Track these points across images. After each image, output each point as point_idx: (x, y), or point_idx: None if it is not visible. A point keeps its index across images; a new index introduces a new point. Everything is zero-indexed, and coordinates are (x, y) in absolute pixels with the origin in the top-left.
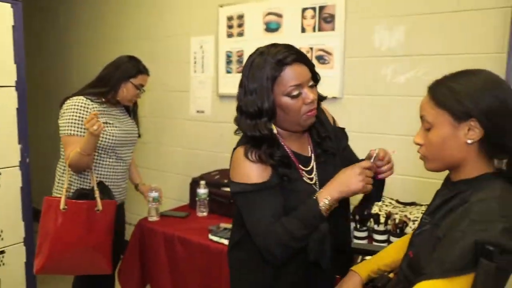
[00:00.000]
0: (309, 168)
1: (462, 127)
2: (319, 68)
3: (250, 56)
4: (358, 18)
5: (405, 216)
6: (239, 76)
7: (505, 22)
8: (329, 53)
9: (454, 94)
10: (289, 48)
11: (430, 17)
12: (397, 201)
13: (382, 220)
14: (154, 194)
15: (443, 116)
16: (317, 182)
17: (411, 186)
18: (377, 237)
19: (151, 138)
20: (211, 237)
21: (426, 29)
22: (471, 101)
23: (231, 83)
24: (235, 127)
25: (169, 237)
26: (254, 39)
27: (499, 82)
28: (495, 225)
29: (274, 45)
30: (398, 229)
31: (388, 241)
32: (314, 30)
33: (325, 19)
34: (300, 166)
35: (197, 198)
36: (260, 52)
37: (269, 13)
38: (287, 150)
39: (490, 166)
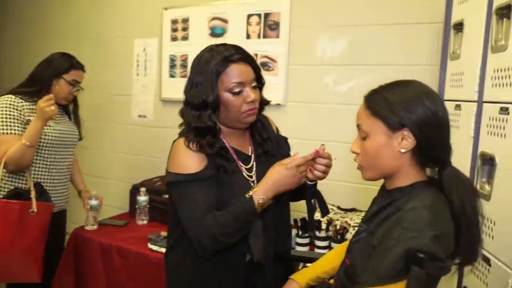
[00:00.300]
0: (249, 166)
1: (396, 137)
2: (263, 75)
3: (200, 53)
4: (303, 27)
5: (346, 222)
6: (183, 81)
7: (438, 36)
8: (273, 60)
9: (388, 104)
10: (237, 48)
11: (371, 28)
12: (338, 207)
13: (324, 226)
14: (93, 202)
15: (378, 125)
16: (255, 181)
17: (352, 193)
18: (319, 243)
19: (91, 143)
20: (150, 246)
21: (367, 40)
22: (405, 111)
23: (175, 88)
24: (178, 132)
25: (106, 247)
26: (199, 43)
27: (431, 94)
28: (425, 233)
29: (224, 44)
30: (339, 235)
31: (329, 247)
32: (259, 36)
33: (270, 26)
34: (240, 162)
35: (137, 206)
36: (210, 49)
37: (214, 18)
38: (227, 145)
39: (423, 175)
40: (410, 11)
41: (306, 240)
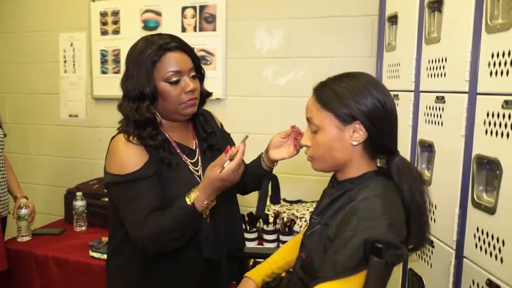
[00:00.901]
0: (194, 160)
1: (348, 129)
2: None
3: (135, 43)
4: (239, 19)
5: (293, 214)
6: (116, 77)
7: (373, 28)
8: (211, 54)
9: (338, 97)
10: (173, 37)
11: (307, 21)
12: (284, 200)
13: (271, 219)
14: (22, 211)
15: (329, 119)
16: (201, 175)
17: (297, 184)
18: (267, 237)
19: (15, 147)
20: (92, 253)
21: (304, 33)
22: (355, 103)
23: (108, 84)
24: (114, 131)
25: (41, 259)
26: (132, 37)
27: (379, 85)
28: (380, 222)
29: (159, 34)
30: (287, 228)
31: (278, 240)
32: (195, 30)
33: (206, 19)
34: (184, 156)
35: (74, 212)
36: (145, 38)
37: (147, 11)
38: (169, 138)
39: (373, 165)
40: (345, 4)
41: (254, 235)
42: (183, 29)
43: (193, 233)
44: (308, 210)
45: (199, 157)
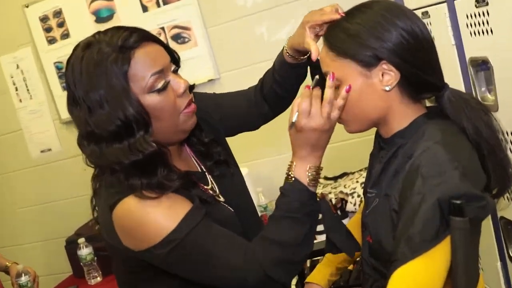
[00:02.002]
0: (209, 187)
1: (375, 74)
2: (181, 50)
3: (71, 58)
4: None
5: (341, 192)
6: None
7: None
8: (186, 29)
9: (354, 37)
10: (125, 27)
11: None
12: (325, 178)
13: None
14: (23, 279)
15: (349, 67)
16: (227, 203)
17: (334, 155)
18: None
19: None
20: None
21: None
22: (376, 40)
23: None
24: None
25: None
26: (85, 36)
27: (401, 10)
28: (450, 174)
29: (100, 32)
30: (339, 210)
31: None
32: (158, 5)
33: None
34: (202, 185)
35: (82, 263)
36: (86, 45)
37: None
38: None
39: (420, 108)
40: None
41: None
42: (144, 9)
43: (315, 226)
44: (358, 182)
45: (212, 182)
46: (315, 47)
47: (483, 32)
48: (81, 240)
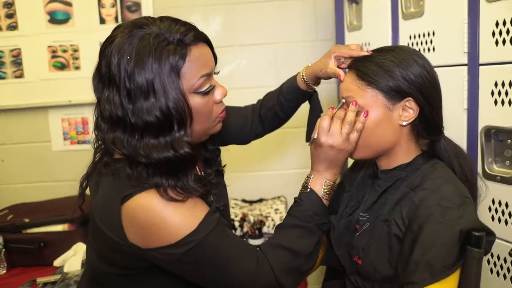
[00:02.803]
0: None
1: (396, 108)
2: None
3: (114, 35)
4: (170, 6)
5: (261, 215)
6: (18, 83)
7: (327, 9)
8: None
9: (386, 72)
10: (179, 21)
11: (247, 6)
12: (243, 201)
13: (237, 224)
14: None
15: (375, 97)
16: (225, 214)
17: (254, 182)
18: None
19: None
20: None
21: (244, 19)
22: (406, 79)
23: (7, 92)
24: (19, 147)
25: None
26: (34, 33)
27: (420, 54)
28: (467, 209)
29: (152, 18)
30: (257, 230)
31: None
32: (116, 20)
33: (129, 8)
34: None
35: None
36: (137, 26)
37: (53, 0)
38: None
39: (419, 148)
40: None
41: None
42: (102, 21)
43: (322, 237)
44: (272, 208)
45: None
46: (342, 71)
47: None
48: None
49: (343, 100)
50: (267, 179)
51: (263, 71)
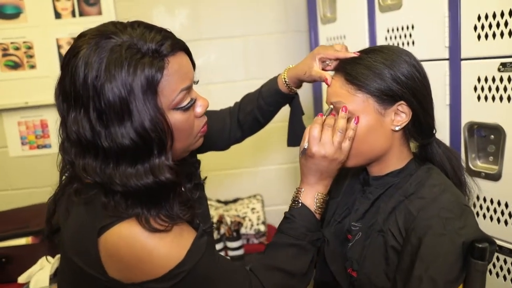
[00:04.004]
0: None
1: (388, 113)
2: None
3: (79, 45)
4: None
5: (237, 216)
6: None
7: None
8: None
9: (377, 75)
10: (153, 28)
11: None
12: (218, 201)
13: (213, 226)
14: None
15: (366, 102)
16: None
17: (228, 181)
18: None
19: None
20: None
21: (212, 11)
22: (397, 80)
23: None
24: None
25: None
26: None
27: (410, 53)
28: (469, 218)
29: (122, 24)
30: (234, 232)
31: (225, 249)
32: (73, 15)
33: (87, 1)
34: None
35: None
36: (105, 36)
37: None
38: None
39: (410, 152)
40: None
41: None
42: (57, 15)
43: (316, 253)
44: (248, 207)
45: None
46: (329, 74)
47: (499, 99)
48: None
49: (331, 106)
50: (241, 177)
51: (233, 65)
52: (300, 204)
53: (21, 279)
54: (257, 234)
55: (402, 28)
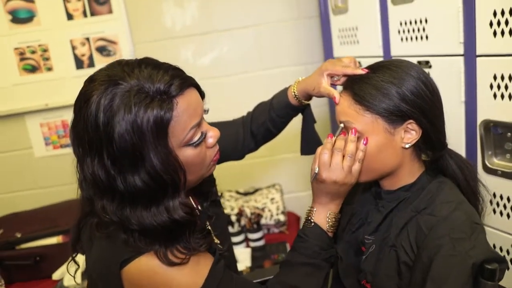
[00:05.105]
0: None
1: (398, 131)
2: (104, 63)
3: (89, 92)
4: None
5: (256, 208)
6: None
7: None
8: (112, 42)
9: (385, 95)
10: (160, 67)
11: None
12: (237, 192)
13: (234, 219)
14: None
15: (375, 123)
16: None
17: (247, 171)
18: (233, 239)
19: None
20: None
21: (222, 1)
22: (404, 99)
23: None
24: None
25: None
26: None
27: (418, 67)
28: (478, 237)
29: (129, 65)
30: (255, 224)
31: (246, 240)
32: (85, 15)
33: (97, 0)
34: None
35: None
36: (113, 81)
37: None
38: None
39: (422, 165)
40: None
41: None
42: (69, 17)
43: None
44: (268, 198)
45: (208, 224)
46: (337, 92)
47: None
48: None
49: (342, 125)
50: (259, 166)
51: (247, 56)
52: (312, 224)
53: (55, 275)
54: (277, 224)
55: (416, 22)
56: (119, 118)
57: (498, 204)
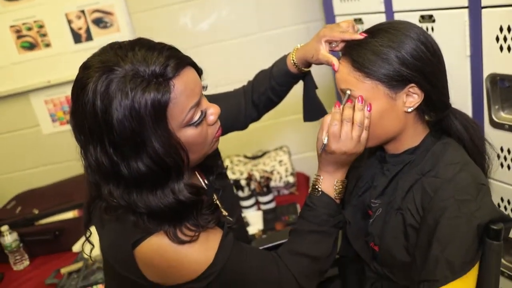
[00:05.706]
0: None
1: (400, 96)
2: (102, 35)
3: (85, 80)
4: None
5: (265, 171)
6: None
7: None
8: (108, 13)
9: (385, 60)
10: (155, 48)
11: None
12: (245, 157)
13: (244, 183)
14: None
15: (376, 88)
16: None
17: (254, 135)
18: (244, 203)
19: None
20: None
21: None
22: (404, 62)
23: None
24: (9, 136)
25: None
26: None
27: (419, 28)
28: (484, 198)
29: (122, 49)
30: (264, 187)
31: (257, 203)
32: None
33: None
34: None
35: (6, 251)
36: (108, 68)
37: None
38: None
39: (426, 126)
40: None
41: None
42: None
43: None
44: (276, 160)
45: (216, 198)
46: (336, 59)
47: None
48: (5, 228)
49: (348, 92)
50: (266, 129)
51: (246, 19)
52: (320, 192)
53: (75, 248)
54: (287, 185)
55: None
56: (117, 104)
57: (505, 158)
